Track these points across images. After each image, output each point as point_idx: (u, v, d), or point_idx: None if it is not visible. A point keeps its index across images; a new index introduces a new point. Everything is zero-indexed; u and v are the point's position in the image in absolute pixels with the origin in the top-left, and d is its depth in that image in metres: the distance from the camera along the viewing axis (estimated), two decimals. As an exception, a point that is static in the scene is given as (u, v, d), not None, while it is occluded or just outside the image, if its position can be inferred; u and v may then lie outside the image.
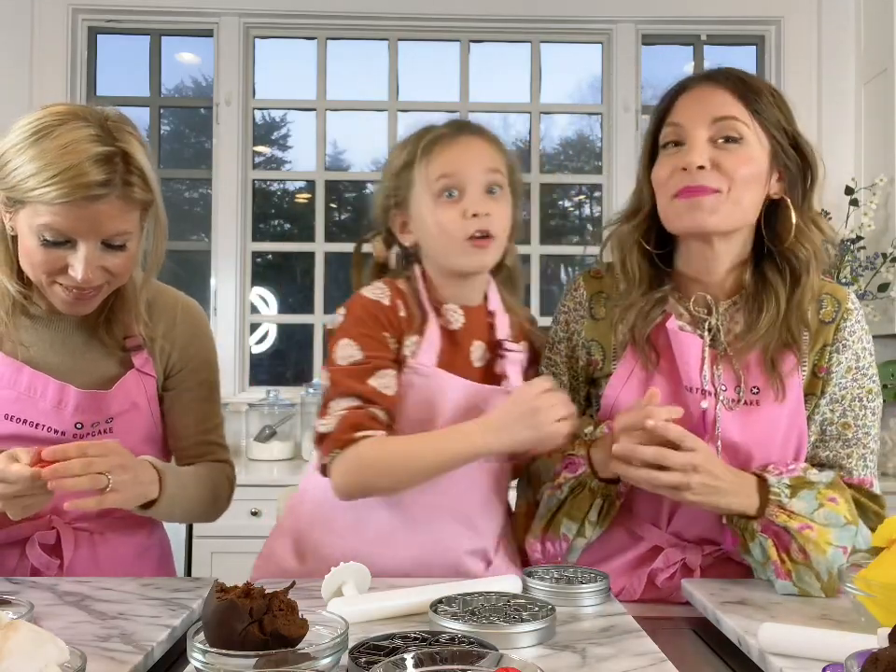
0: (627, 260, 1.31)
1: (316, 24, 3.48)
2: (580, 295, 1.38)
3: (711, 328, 1.28)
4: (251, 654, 0.78)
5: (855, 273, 3.08)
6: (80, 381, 1.32)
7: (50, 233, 1.17)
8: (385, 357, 1.26)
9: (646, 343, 1.28)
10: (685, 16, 3.45)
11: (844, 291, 1.30)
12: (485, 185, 1.29)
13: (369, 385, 1.24)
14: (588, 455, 1.26)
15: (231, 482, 1.47)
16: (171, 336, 1.39)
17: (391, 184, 1.34)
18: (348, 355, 1.26)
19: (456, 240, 1.28)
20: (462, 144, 1.30)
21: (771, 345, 1.24)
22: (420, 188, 1.29)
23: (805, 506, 1.16)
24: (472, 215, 1.26)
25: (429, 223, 1.29)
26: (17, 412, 1.28)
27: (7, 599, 1.01)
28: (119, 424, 1.34)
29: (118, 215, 1.19)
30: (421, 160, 1.28)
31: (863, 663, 0.70)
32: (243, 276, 3.44)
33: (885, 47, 3.12)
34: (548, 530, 1.28)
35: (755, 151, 1.23)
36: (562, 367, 1.39)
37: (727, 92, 1.23)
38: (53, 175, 1.13)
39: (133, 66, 3.55)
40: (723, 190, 1.21)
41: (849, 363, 1.27)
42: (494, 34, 3.54)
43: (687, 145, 1.22)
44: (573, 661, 0.90)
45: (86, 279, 1.20)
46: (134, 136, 1.22)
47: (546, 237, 3.57)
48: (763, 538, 1.17)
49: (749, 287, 1.28)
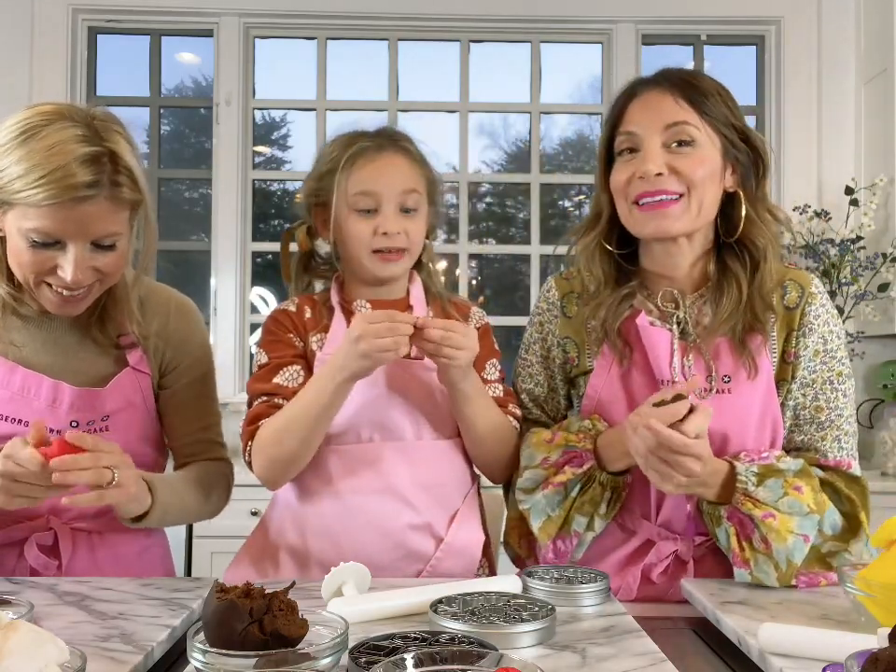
0: (592, 266, 1.35)
1: (316, 24, 3.49)
2: (552, 296, 1.42)
3: (680, 321, 1.31)
4: (251, 654, 0.78)
5: (855, 273, 3.08)
6: (75, 380, 1.31)
7: (39, 235, 1.16)
8: (287, 355, 1.36)
9: (617, 337, 1.32)
10: (685, 16, 3.45)
11: (807, 276, 1.33)
12: (401, 205, 1.35)
13: (273, 383, 1.34)
14: (595, 449, 1.28)
15: (229, 479, 1.46)
16: (164, 334, 1.39)
17: (315, 185, 1.39)
18: (258, 360, 1.39)
19: (367, 252, 1.35)
20: (383, 161, 1.35)
21: (738, 328, 1.27)
22: (339, 196, 1.35)
23: (769, 494, 1.18)
24: (383, 233, 1.33)
25: (344, 231, 1.36)
26: (11, 411, 1.28)
27: (7, 599, 1.01)
28: (115, 422, 1.33)
29: (106, 215, 1.18)
30: (343, 171, 1.34)
31: (863, 663, 0.70)
32: (243, 276, 3.44)
33: (885, 47, 3.12)
34: (562, 530, 1.29)
35: (708, 151, 1.26)
36: (537, 367, 1.43)
37: (676, 97, 1.26)
38: (40, 177, 1.12)
39: (133, 66, 3.55)
40: (684, 193, 1.25)
41: (816, 346, 1.29)
42: (494, 34, 3.54)
43: (642, 152, 1.27)
44: (573, 661, 0.90)
45: (76, 280, 1.19)
46: (122, 135, 1.21)
47: (546, 237, 3.57)
48: (728, 525, 1.20)
49: (713, 277, 1.31)
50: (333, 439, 1.33)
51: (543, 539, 1.29)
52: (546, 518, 1.29)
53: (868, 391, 3.27)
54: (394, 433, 1.34)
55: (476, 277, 3.79)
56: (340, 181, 1.34)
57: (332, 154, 1.37)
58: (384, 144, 1.37)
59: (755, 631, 0.96)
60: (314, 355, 1.36)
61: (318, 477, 1.33)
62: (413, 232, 1.36)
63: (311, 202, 1.41)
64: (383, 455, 1.32)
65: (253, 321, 3.48)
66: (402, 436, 1.34)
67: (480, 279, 3.81)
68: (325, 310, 1.40)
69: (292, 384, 1.34)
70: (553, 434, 1.33)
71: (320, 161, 1.40)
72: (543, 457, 1.31)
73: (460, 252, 3.55)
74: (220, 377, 1.50)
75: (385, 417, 1.33)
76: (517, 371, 1.45)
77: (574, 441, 1.30)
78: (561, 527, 1.29)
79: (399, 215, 1.35)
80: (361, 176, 1.34)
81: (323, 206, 1.39)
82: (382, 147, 1.36)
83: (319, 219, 1.41)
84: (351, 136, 1.39)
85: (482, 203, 3.79)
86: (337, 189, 1.35)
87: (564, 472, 1.29)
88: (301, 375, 1.35)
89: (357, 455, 1.33)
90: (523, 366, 1.44)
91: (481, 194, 3.76)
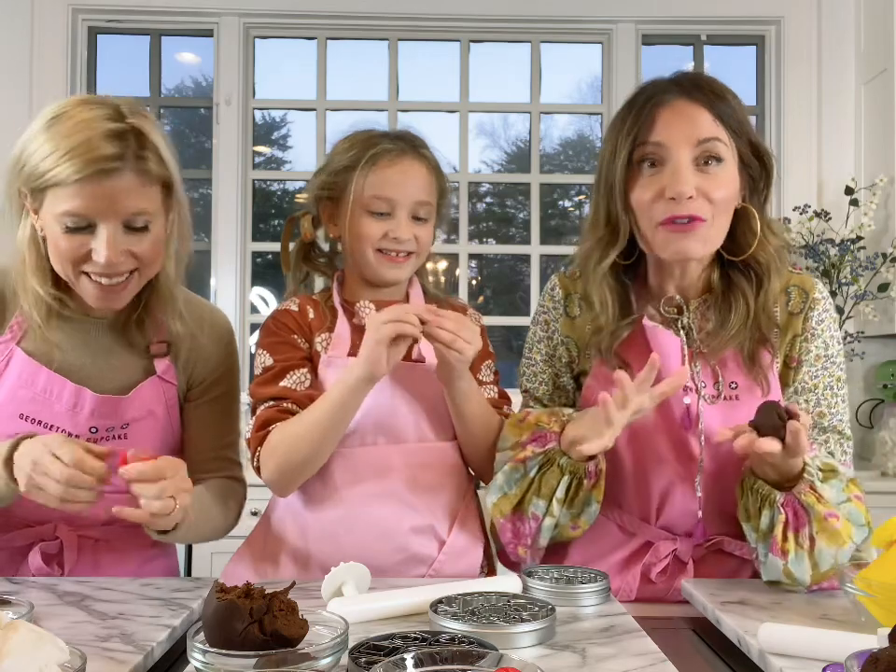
0: (604, 288, 1.29)
1: (316, 24, 3.49)
2: (556, 294, 1.40)
3: (684, 326, 1.29)
4: (251, 654, 0.78)
5: (855, 273, 3.08)
6: (99, 385, 1.30)
7: (71, 219, 1.17)
8: (293, 358, 1.35)
9: (615, 358, 1.28)
10: (685, 16, 3.45)
11: (811, 281, 1.32)
12: (414, 212, 1.35)
13: (280, 387, 1.33)
14: (560, 433, 1.25)
15: (243, 499, 1.43)
16: (196, 347, 1.37)
17: (329, 179, 1.38)
18: (261, 363, 1.37)
19: (373, 250, 1.35)
20: (403, 168, 1.35)
21: (746, 344, 1.26)
22: (353, 196, 1.34)
23: (834, 494, 1.16)
24: (394, 238, 1.34)
25: (354, 230, 1.36)
26: (32, 412, 1.27)
27: (7, 599, 1.01)
28: (135, 430, 1.32)
29: (135, 190, 1.18)
30: (361, 171, 1.34)
31: (863, 663, 0.70)
32: (243, 276, 3.44)
33: (885, 47, 3.12)
34: (517, 510, 1.26)
35: (731, 170, 1.22)
36: (541, 365, 1.40)
37: (706, 109, 1.21)
38: (66, 153, 1.14)
39: (133, 66, 3.55)
40: (709, 218, 1.20)
41: (818, 351, 1.29)
42: (494, 34, 3.54)
43: (670, 168, 1.20)
44: (573, 661, 0.90)
45: (109, 262, 1.18)
46: (149, 118, 1.23)
47: (546, 237, 3.57)
48: (779, 511, 1.15)
49: (718, 289, 1.29)
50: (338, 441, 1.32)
51: (496, 514, 1.27)
52: (501, 495, 1.27)
53: (868, 391, 3.26)
54: (398, 436, 1.33)
55: (476, 277, 3.79)
56: (357, 179, 1.34)
57: (351, 151, 1.36)
58: (405, 149, 1.36)
59: (755, 631, 0.96)
60: (318, 356, 1.35)
61: (321, 480, 1.32)
62: (423, 238, 1.37)
63: (322, 195, 1.40)
64: (386, 458, 1.32)
65: (253, 321, 3.47)
66: (406, 438, 1.33)
67: (480, 279, 3.81)
68: (327, 310, 1.39)
69: (300, 387, 1.33)
70: (526, 413, 1.31)
71: (337, 156, 1.38)
72: (515, 440, 1.28)
73: (460, 252, 3.55)
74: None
75: (390, 420, 1.33)
76: (521, 370, 1.43)
77: (544, 421, 1.27)
78: (517, 506, 1.25)
79: (411, 221, 1.35)
80: (380, 179, 1.33)
81: (332, 201, 1.39)
82: (403, 152, 1.36)
83: (327, 213, 1.41)
84: (372, 136, 1.38)
85: (482, 203, 3.79)
86: (353, 188, 1.34)
87: (525, 450, 1.26)
88: (307, 378, 1.34)
89: (362, 458, 1.32)
90: (527, 365, 1.42)
91: (481, 194, 3.76)
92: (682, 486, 1.27)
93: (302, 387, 1.33)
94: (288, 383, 1.33)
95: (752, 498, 1.18)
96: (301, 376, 1.34)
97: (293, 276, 1.47)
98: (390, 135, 1.39)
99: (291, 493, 1.34)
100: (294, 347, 1.36)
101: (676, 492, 1.27)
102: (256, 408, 1.35)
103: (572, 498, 1.23)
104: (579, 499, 1.24)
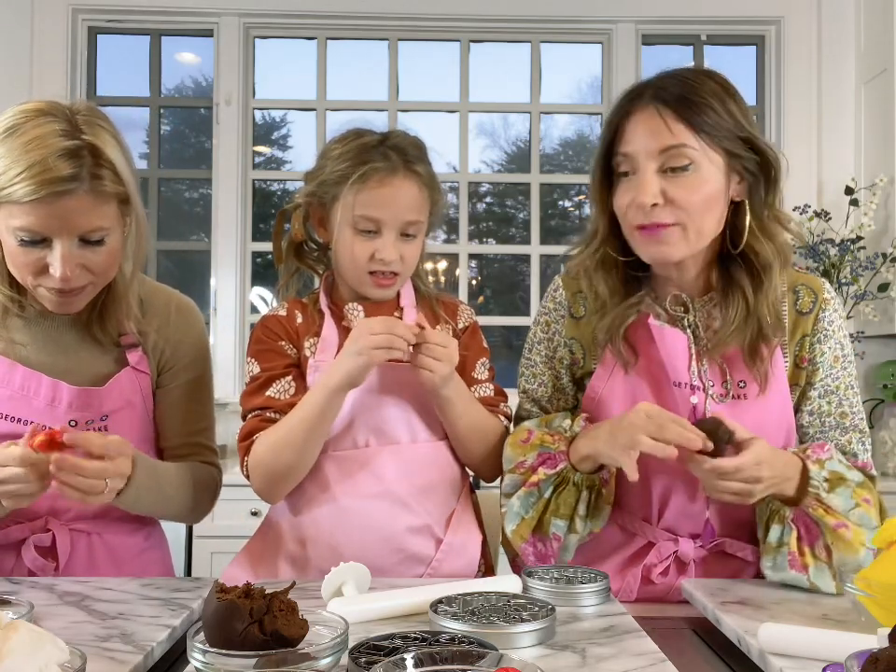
0: (595, 282, 1.32)
1: (316, 24, 3.49)
2: (559, 295, 1.39)
3: (690, 324, 1.29)
4: (251, 654, 0.78)
5: (855, 273, 3.08)
6: (75, 379, 1.31)
7: (26, 233, 1.17)
8: (279, 366, 1.35)
9: (623, 343, 1.29)
10: (685, 16, 3.45)
11: (819, 282, 1.32)
12: (402, 230, 1.34)
13: (265, 396, 1.34)
14: (568, 451, 1.26)
15: (217, 485, 1.44)
16: (164, 333, 1.38)
17: (317, 189, 1.36)
18: (249, 371, 1.38)
19: (362, 271, 1.35)
20: (392, 189, 1.32)
21: (746, 340, 1.25)
22: (342, 211, 1.33)
23: (841, 503, 1.17)
24: (380, 259, 1.33)
25: (341, 246, 1.35)
26: (10, 410, 1.28)
27: (7, 599, 1.01)
28: (115, 421, 1.33)
29: (89, 209, 1.17)
30: (351, 188, 1.31)
31: (863, 663, 0.70)
32: (243, 276, 3.44)
33: (885, 47, 3.12)
34: (537, 532, 1.27)
35: (706, 172, 1.21)
36: (541, 367, 1.40)
37: (672, 116, 1.20)
38: (20, 173, 1.13)
39: (133, 66, 3.55)
40: (679, 222, 1.21)
41: (835, 353, 1.29)
42: (494, 34, 3.55)
43: (637, 178, 1.22)
44: (573, 661, 0.90)
45: (64, 277, 1.18)
46: (106, 129, 1.20)
47: (546, 237, 3.57)
48: (790, 527, 1.18)
49: (718, 286, 1.29)
50: (329, 445, 1.32)
51: (517, 541, 1.28)
52: (520, 521, 1.28)
53: (868, 391, 3.26)
54: (389, 436, 1.33)
55: (476, 277, 3.79)
56: (346, 196, 1.32)
57: (342, 163, 1.33)
58: (396, 167, 1.32)
59: (755, 631, 0.96)
60: (307, 360, 1.36)
61: (316, 484, 1.33)
62: (409, 257, 1.36)
63: (312, 200, 1.38)
64: (379, 459, 1.32)
65: (253, 321, 3.46)
66: (398, 439, 1.33)
67: (480, 279, 3.81)
68: (316, 314, 1.39)
69: (284, 395, 1.34)
70: (528, 433, 1.31)
71: (327, 167, 1.35)
72: (520, 461, 1.29)
73: (460, 252, 3.55)
74: (220, 377, 1.51)
75: (380, 421, 1.33)
76: (521, 370, 1.43)
77: (549, 442, 1.28)
78: (535, 529, 1.27)
79: (398, 240, 1.34)
80: (369, 199, 1.31)
81: (323, 207, 1.37)
82: (394, 170, 1.32)
83: (316, 217, 1.40)
84: (365, 146, 1.34)
85: (482, 203, 3.79)
86: (342, 203, 1.32)
87: (537, 473, 1.27)
88: (292, 387, 1.34)
89: (354, 460, 1.32)
90: (526, 366, 1.42)
91: (481, 194, 3.76)
92: (685, 486, 1.27)
93: (286, 395, 1.34)
94: (273, 392, 1.34)
95: (766, 515, 1.21)
96: (285, 384, 1.34)
97: (285, 269, 1.46)
98: (384, 146, 1.34)
99: (280, 500, 1.35)
100: (280, 355, 1.36)
101: (678, 492, 1.27)
102: (244, 417, 1.36)
103: (593, 510, 1.26)
104: (601, 511, 1.27)
